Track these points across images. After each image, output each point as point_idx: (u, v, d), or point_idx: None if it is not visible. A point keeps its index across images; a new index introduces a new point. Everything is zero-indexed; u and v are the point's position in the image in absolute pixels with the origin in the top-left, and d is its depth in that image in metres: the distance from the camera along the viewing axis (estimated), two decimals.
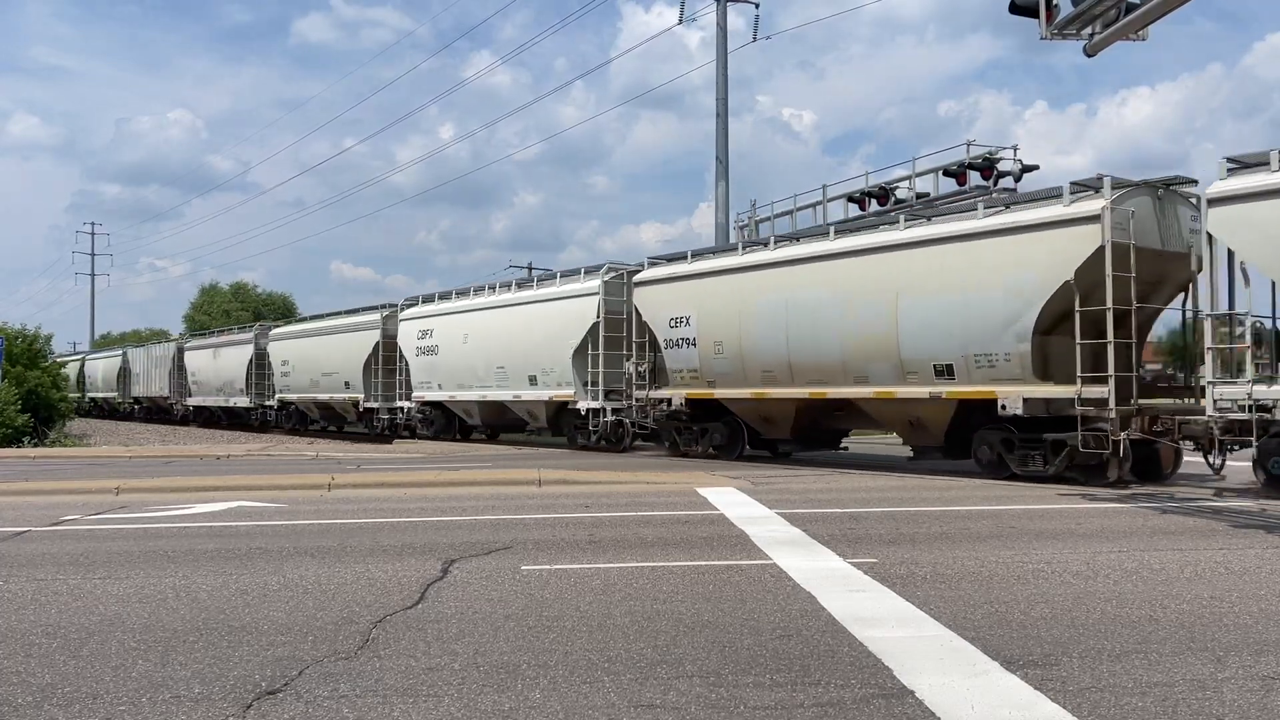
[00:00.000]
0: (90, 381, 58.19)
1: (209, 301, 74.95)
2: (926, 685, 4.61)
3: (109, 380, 55.18)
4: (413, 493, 13.51)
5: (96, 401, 58.60)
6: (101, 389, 56.26)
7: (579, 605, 6.35)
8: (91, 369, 58.67)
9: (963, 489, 13.65)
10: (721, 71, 27.83)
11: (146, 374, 49.55)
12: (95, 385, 57.16)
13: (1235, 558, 8.00)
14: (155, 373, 48.36)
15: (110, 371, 55.67)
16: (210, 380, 42.35)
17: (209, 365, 42.56)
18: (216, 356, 41.83)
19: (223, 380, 41.04)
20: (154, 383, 48.47)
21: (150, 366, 48.99)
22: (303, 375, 35.09)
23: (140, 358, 51.16)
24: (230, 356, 40.47)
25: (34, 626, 5.94)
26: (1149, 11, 9.86)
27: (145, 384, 49.71)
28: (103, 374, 56.84)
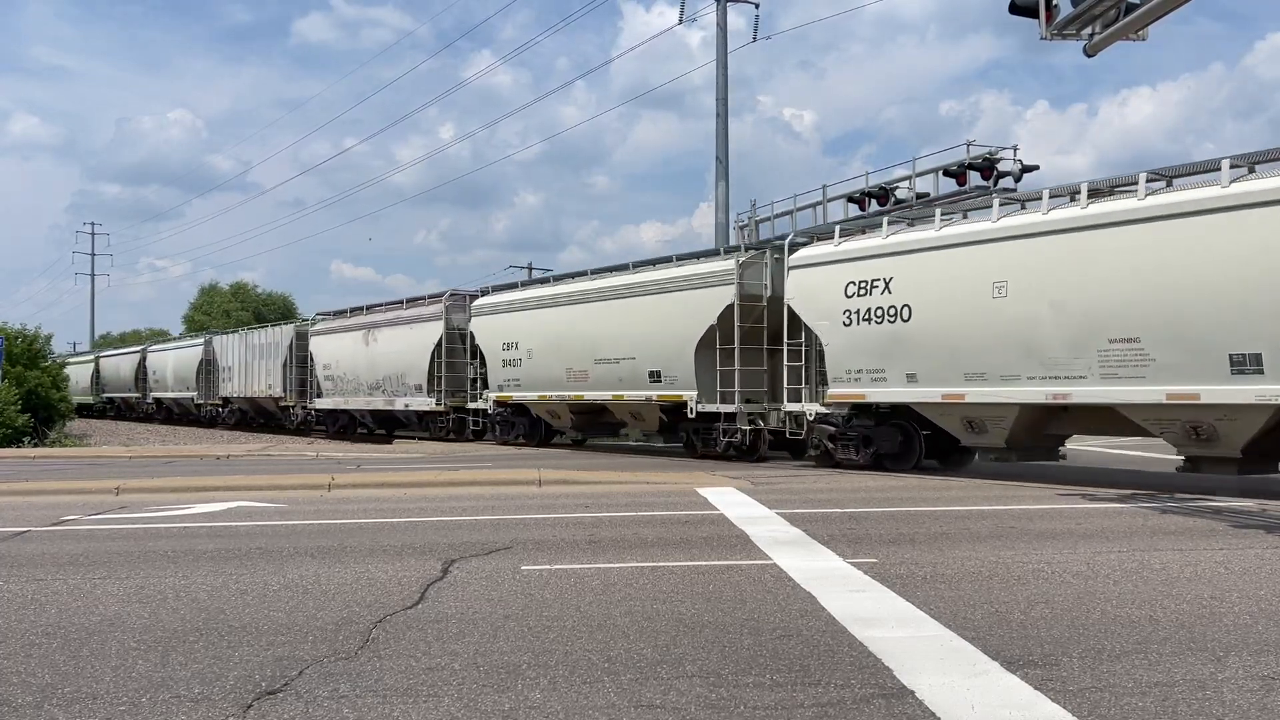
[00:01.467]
0: (156, 378, 49.88)
1: (209, 301, 74.99)
2: (926, 685, 4.61)
3: (183, 377, 46.14)
4: (413, 493, 13.51)
5: (160, 402, 50.15)
6: (172, 388, 47.79)
7: (579, 605, 6.35)
8: (156, 363, 49.21)
9: (963, 489, 13.66)
10: (721, 71, 27.84)
11: (245, 367, 38.95)
12: (163, 383, 48.91)
13: (1235, 558, 8.00)
14: (260, 366, 37.68)
15: (187, 366, 46.04)
16: (358, 374, 31.51)
17: (357, 354, 31.54)
18: (372, 340, 30.87)
19: (383, 374, 30.19)
20: (257, 379, 37.96)
21: (251, 358, 38.45)
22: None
23: (233, 346, 40.53)
24: (399, 341, 29.41)
25: (34, 626, 5.94)
26: (1149, 12, 9.86)
27: (243, 380, 38.98)
28: (175, 369, 47.74)
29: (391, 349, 29.49)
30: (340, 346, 32.70)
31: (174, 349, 49.36)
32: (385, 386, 29.94)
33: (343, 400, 32.33)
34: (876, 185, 21.23)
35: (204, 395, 43.72)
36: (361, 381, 31.30)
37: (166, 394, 48.38)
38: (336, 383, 32.77)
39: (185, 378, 45.56)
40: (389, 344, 29.77)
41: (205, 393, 43.49)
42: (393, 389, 29.48)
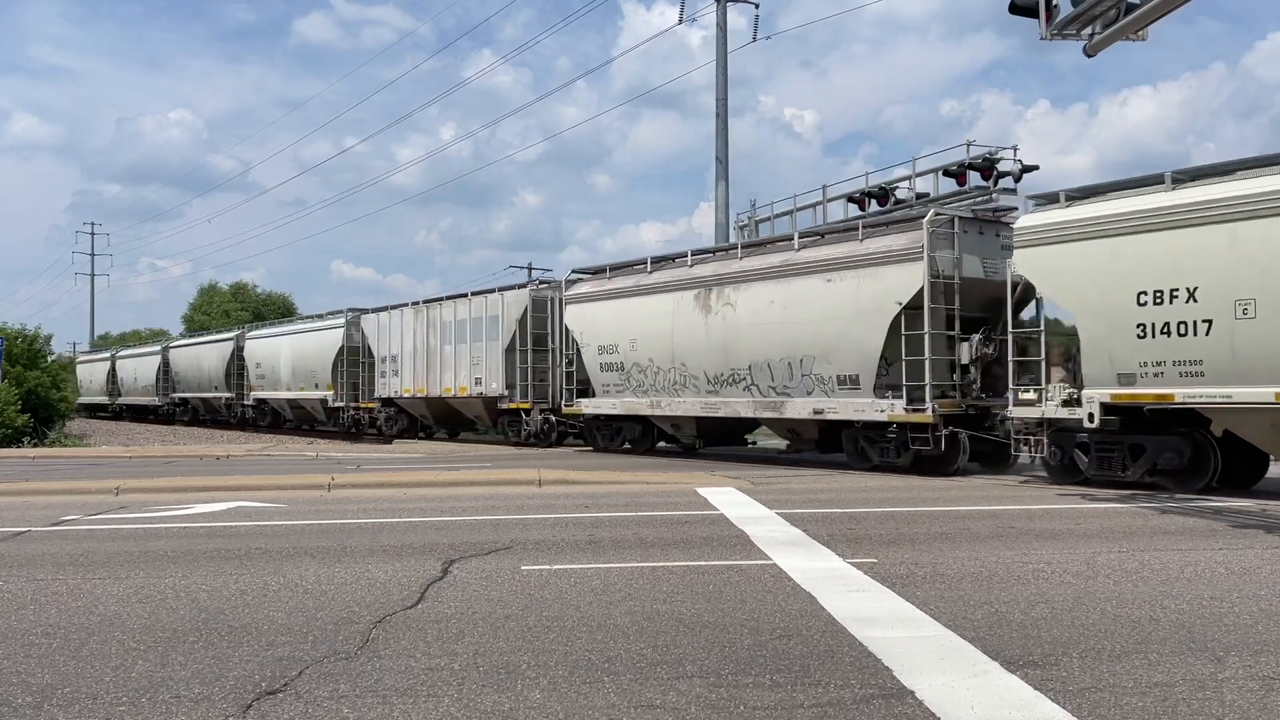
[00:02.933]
0: (178, 376, 45.26)
1: (209, 302, 74.98)
2: (926, 685, 4.61)
3: (210, 374, 40.62)
4: (413, 493, 13.51)
5: (186, 403, 45.39)
6: (199, 386, 42.75)
7: (579, 605, 6.35)
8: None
9: (963, 489, 13.66)
10: (721, 71, 27.84)
11: (429, 356, 26.98)
12: (186, 382, 44.37)
13: (1235, 558, 8.00)
14: (459, 354, 25.76)
15: (215, 361, 40.33)
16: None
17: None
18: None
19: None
20: (450, 371, 26.12)
21: (437, 341, 26.65)
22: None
23: (394, 325, 28.80)
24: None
25: (34, 626, 5.94)
26: (1148, 12, 9.85)
27: (425, 373, 27.06)
28: (205, 365, 41.66)
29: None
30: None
31: (204, 343, 43.67)
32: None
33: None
34: (876, 185, 21.21)
35: (236, 394, 39.01)
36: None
37: (191, 394, 44.33)
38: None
39: (212, 375, 41.02)
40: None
41: (238, 392, 38.80)
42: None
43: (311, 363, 33.35)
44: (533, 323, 23.95)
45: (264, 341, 37.44)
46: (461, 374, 25.70)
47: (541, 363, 24.01)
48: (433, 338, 26.86)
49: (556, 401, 23.47)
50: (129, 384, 51.79)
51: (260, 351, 37.12)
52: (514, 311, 24.16)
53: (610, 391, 21.39)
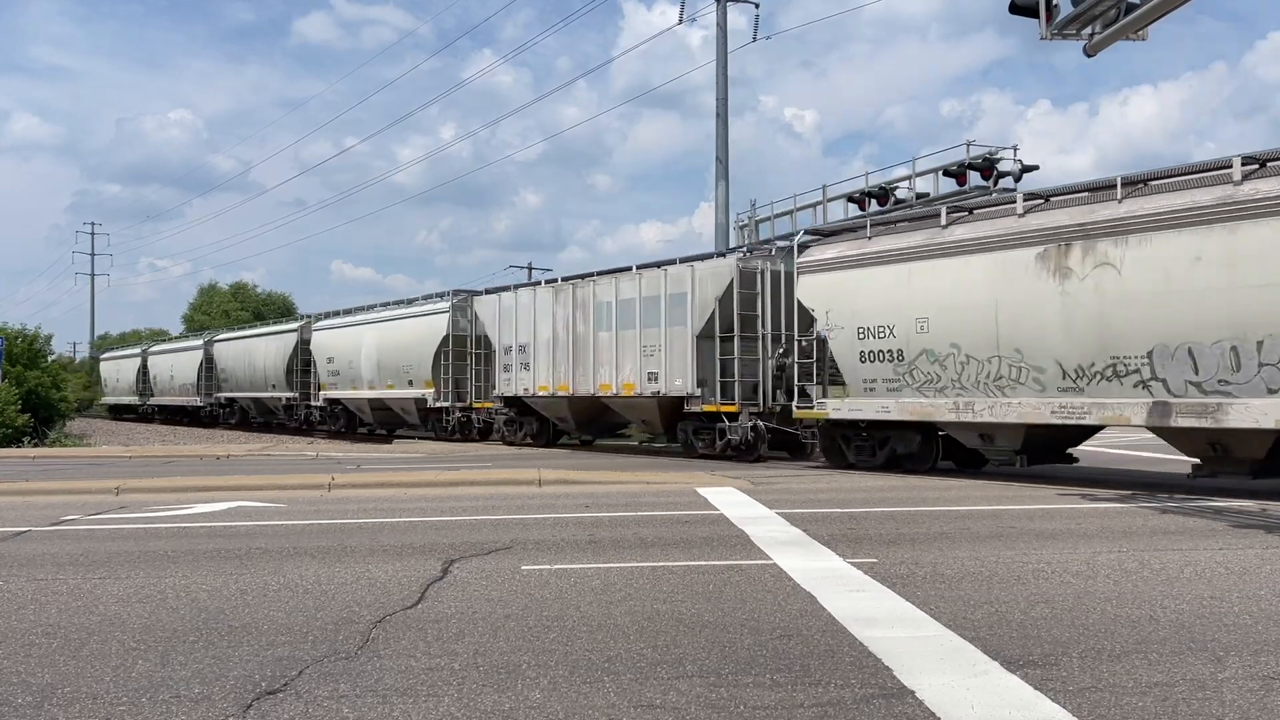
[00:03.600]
0: (225, 375, 40.29)
1: (209, 302, 74.97)
2: (927, 685, 4.61)
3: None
4: (413, 493, 13.51)
5: (234, 403, 40.62)
6: (254, 385, 37.72)
7: (579, 605, 6.35)
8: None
9: (963, 489, 13.65)
10: (721, 71, 27.83)
11: (595, 346, 21.80)
12: (235, 381, 39.37)
13: (1235, 558, 8.00)
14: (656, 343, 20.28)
15: (275, 357, 35.71)
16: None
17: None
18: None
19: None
20: (600, 365, 21.50)
21: (599, 320, 21.72)
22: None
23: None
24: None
25: (34, 626, 5.94)
26: (1148, 12, 9.86)
27: (564, 365, 22.45)
28: (265, 362, 36.77)
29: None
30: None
31: (258, 336, 38.73)
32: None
33: None
34: (876, 185, 21.23)
35: (300, 393, 34.65)
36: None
37: (240, 393, 39.57)
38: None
39: (268, 371, 36.61)
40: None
41: (302, 390, 34.58)
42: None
43: (405, 356, 27.96)
44: (740, 301, 18.56)
45: (339, 333, 31.76)
46: (626, 368, 20.58)
47: (750, 353, 18.73)
48: (581, 322, 21.84)
49: (768, 403, 18.68)
50: (163, 383, 46.91)
51: (333, 343, 31.84)
52: (712, 287, 18.96)
53: (876, 389, 16.08)
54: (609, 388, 21.24)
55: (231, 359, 39.87)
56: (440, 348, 26.64)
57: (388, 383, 29.10)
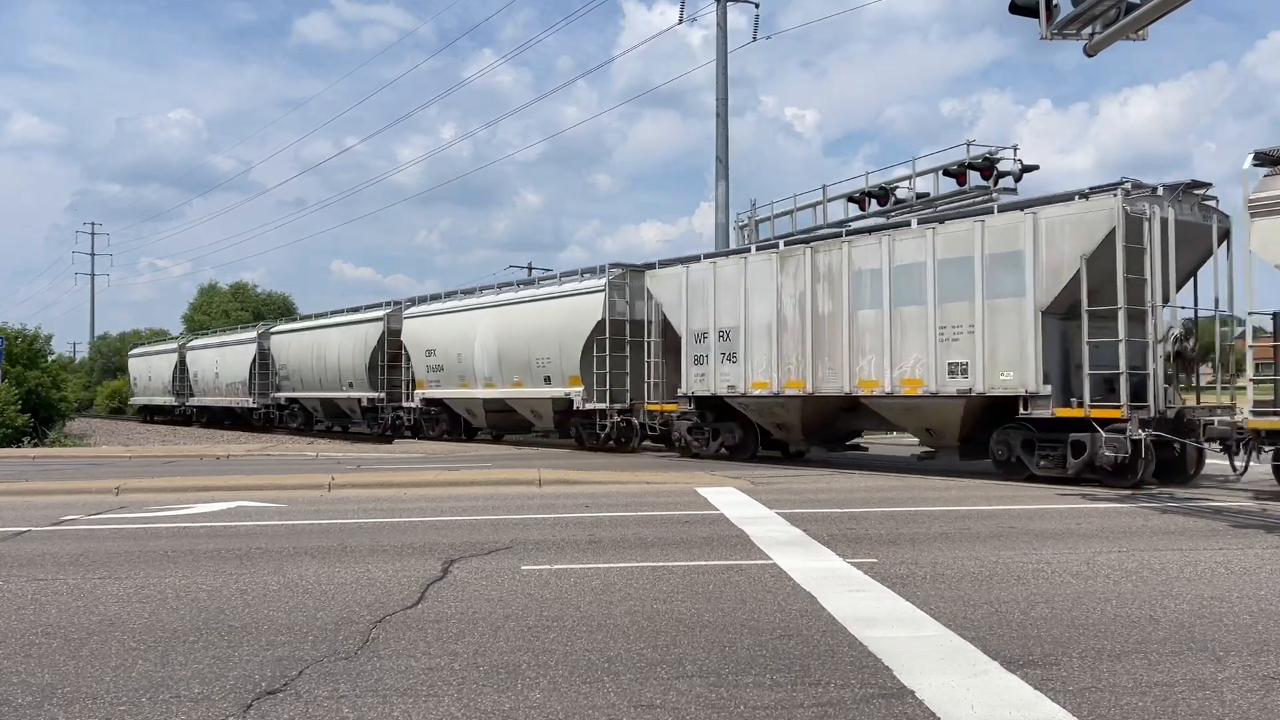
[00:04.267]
0: (284, 373, 35.09)
1: (209, 302, 74.93)
2: (927, 685, 4.61)
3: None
4: (413, 493, 13.51)
5: (297, 405, 35.13)
6: (330, 384, 31.92)
7: (579, 605, 6.35)
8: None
9: (963, 489, 13.65)
10: (721, 71, 27.82)
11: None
12: (300, 379, 34.01)
13: (1235, 558, 8.00)
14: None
15: (351, 351, 30.58)
16: None
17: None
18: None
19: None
20: (855, 354, 16.57)
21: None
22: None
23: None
24: None
25: (34, 626, 5.94)
26: (1148, 12, 9.86)
27: (793, 355, 17.63)
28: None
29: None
30: None
31: (329, 327, 32.85)
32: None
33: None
34: (876, 185, 21.18)
35: (387, 392, 29.41)
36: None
37: (307, 393, 34.00)
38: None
39: (344, 368, 31.23)
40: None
41: (389, 390, 29.35)
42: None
43: (540, 346, 23.10)
44: (1126, 260, 13.33)
45: (442, 320, 26.76)
46: (909, 357, 15.61)
47: (1105, 333, 13.62)
48: (825, 298, 16.99)
49: (1159, 405, 13.63)
50: (206, 381, 41.87)
51: (434, 333, 26.95)
52: (1072, 241, 13.84)
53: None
54: (875, 384, 16.08)
55: (295, 353, 34.22)
56: (593, 336, 21.50)
57: (513, 379, 23.99)
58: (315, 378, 33.05)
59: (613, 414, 21.64)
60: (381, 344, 29.20)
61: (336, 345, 31.62)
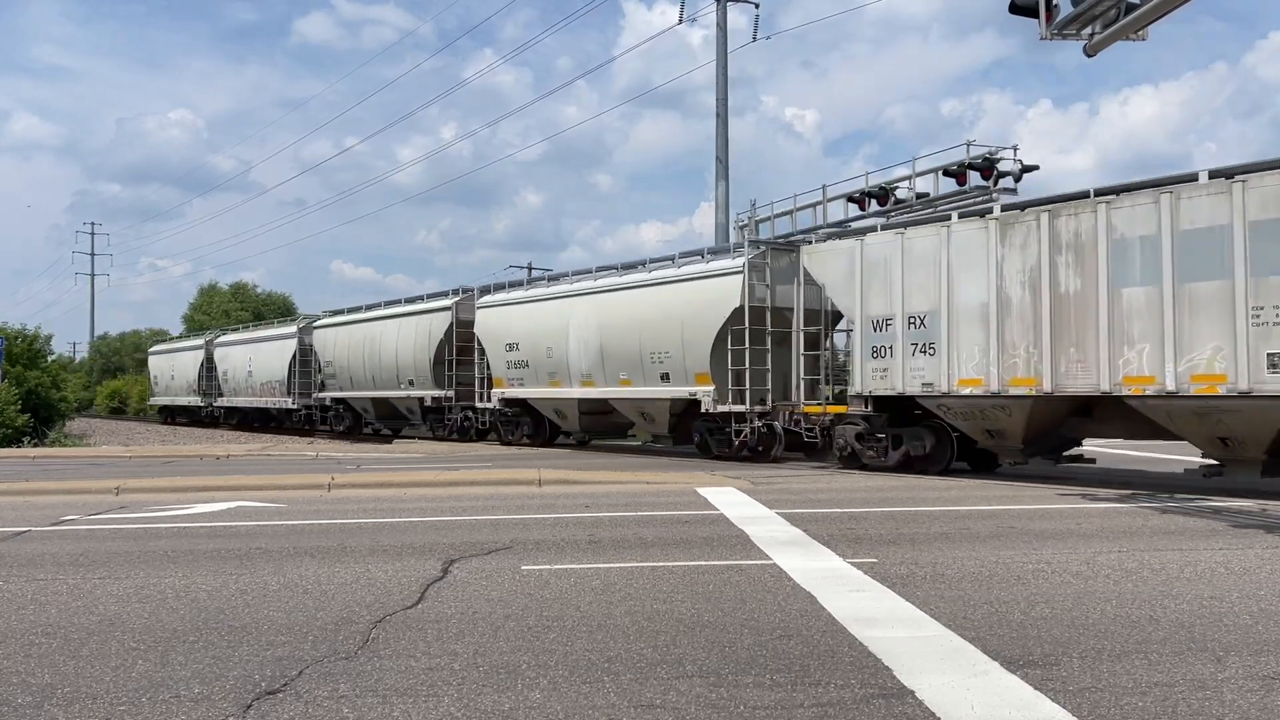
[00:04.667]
0: (331, 370, 31.88)
1: (209, 301, 74.94)
2: (927, 685, 4.61)
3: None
4: (413, 493, 13.50)
5: (346, 407, 31.75)
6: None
7: (579, 605, 6.35)
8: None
9: (963, 489, 13.65)
10: (721, 71, 27.83)
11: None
12: (347, 378, 30.88)
13: (1235, 558, 8.00)
14: None
15: (420, 343, 27.16)
16: None
17: None
18: None
19: None
20: (1117, 342, 13.14)
21: None
22: None
23: None
24: None
25: (34, 626, 5.94)
26: (1148, 12, 9.85)
27: (1021, 344, 14.24)
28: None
29: None
30: None
31: (386, 318, 29.28)
32: None
33: None
34: (876, 185, 21.19)
35: (455, 391, 26.18)
36: None
37: (358, 392, 30.60)
38: None
39: (404, 363, 27.92)
40: None
41: (457, 388, 26.14)
42: None
43: (654, 339, 19.77)
44: None
45: (525, 310, 23.54)
46: (1204, 344, 12.44)
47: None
48: (1069, 273, 13.84)
49: None
50: (237, 380, 38.74)
51: (515, 324, 23.66)
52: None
53: None
54: (1149, 380, 12.94)
55: (343, 349, 30.98)
56: (727, 326, 18.21)
57: (619, 376, 20.72)
58: (367, 375, 29.74)
59: (752, 418, 18.19)
60: (449, 336, 25.96)
61: (394, 339, 28.25)
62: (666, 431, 20.81)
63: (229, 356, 39.84)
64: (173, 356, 46.82)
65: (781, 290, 18.31)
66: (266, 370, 36.11)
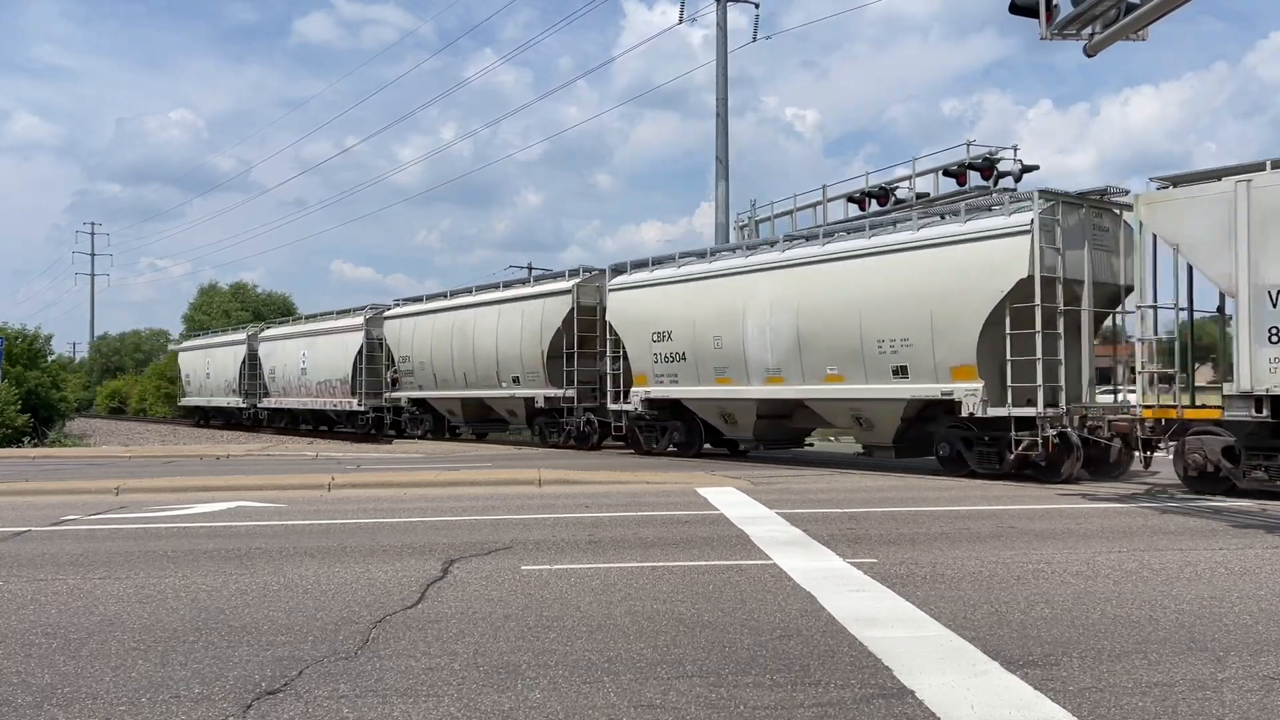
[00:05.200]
0: (408, 366, 27.71)
1: (208, 301, 74.93)
2: (927, 685, 4.61)
3: (518, 362, 23.28)
4: (413, 493, 13.50)
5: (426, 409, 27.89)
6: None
7: (579, 605, 6.35)
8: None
9: (963, 489, 13.65)
10: (721, 71, 27.82)
11: None
12: (431, 375, 26.78)
13: (1235, 558, 8.00)
14: None
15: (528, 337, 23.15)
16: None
17: None
18: None
19: None
20: None
21: None
22: None
23: None
24: None
25: (34, 626, 5.94)
26: (1148, 12, 9.85)
27: None
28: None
29: None
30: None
31: (480, 305, 25.25)
32: None
33: None
34: (876, 185, 21.19)
35: (574, 388, 22.14)
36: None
37: (443, 392, 26.67)
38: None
39: (504, 359, 23.94)
40: None
41: (580, 383, 22.20)
42: None
43: (884, 321, 15.51)
44: None
45: (679, 291, 19.39)
46: None
47: None
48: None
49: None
50: (287, 379, 34.42)
51: (666, 310, 19.60)
52: None
53: None
54: None
55: (424, 342, 26.96)
56: (1005, 303, 14.15)
57: (826, 371, 16.50)
58: (456, 373, 25.69)
59: (1044, 425, 13.93)
60: (569, 325, 22.06)
61: (492, 329, 24.33)
62: (890, 441, 16.24)
63: (277, 352, 35.17)
64: (208, 353, 41.76)
65: (1071, 257, 14.30)
66: (325, 367, 31.77)
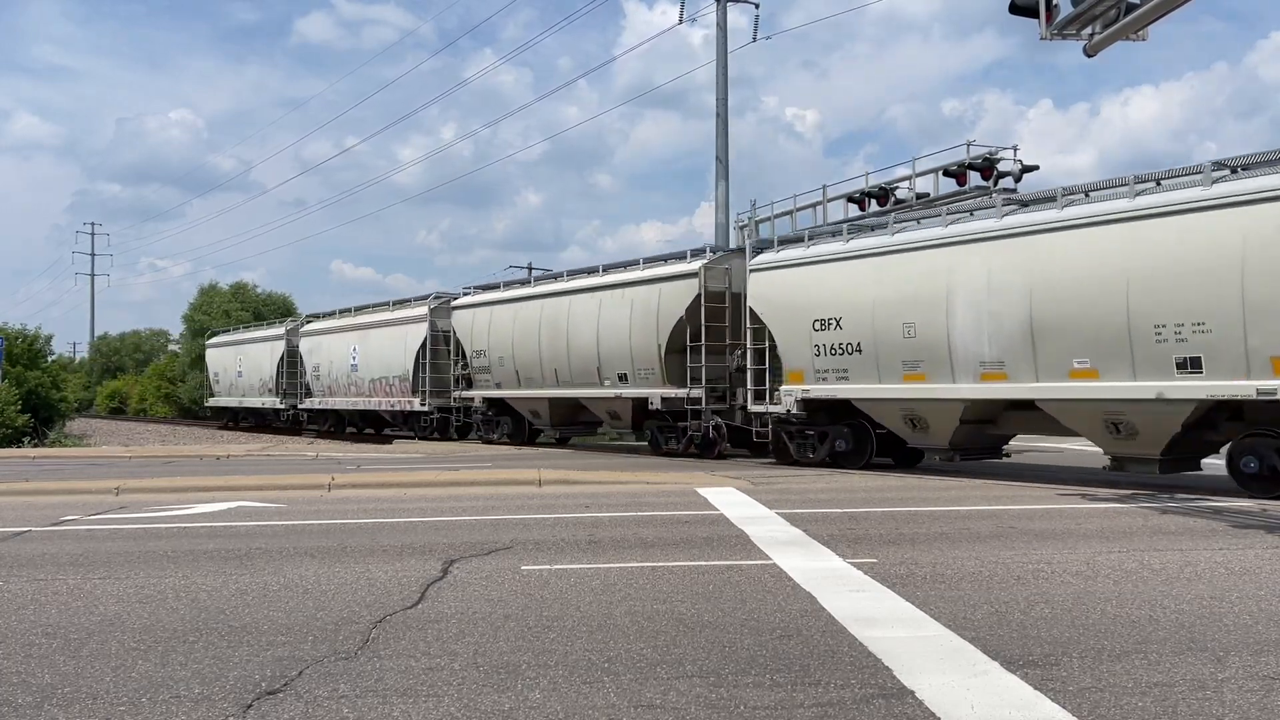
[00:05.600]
0: (483, 361, 24.71)
1: (209, 302, 74.87)
2: (926, 685, 4.61)
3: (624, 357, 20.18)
4: (413, 493, 13.50)
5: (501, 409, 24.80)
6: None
7: (579, 605, 6.35)
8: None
9: (963, 489, 13.65)
10: (721, 71, 27.82)
11: None
12: (510, 371, 23.73)
13: (1235, 558, 8.00)
14: None
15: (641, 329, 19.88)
16: None
17: None
18: None
19: None
20: None
21: None
22: None
23: None
24: None
25: (34, 626, 5.94)
26: (1148, 12, 9.85)
27: None
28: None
29: None
30: None
31: (588, 290, 21.76)
32: None
33: None
34: (876, 185, 21.15)
35: (703, 387, 18.82)
36: None
37: (530, 391, 23.44)
38: None
39: (612, 353, 20.68)
40: None
41: (709, 381, 18.87)
42: None
43: (1153, 300, 12.46)
44: None
45: (849, 268, 16.65)
46: None
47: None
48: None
49: None
50: (334, 377, 31.34)
51: (830, 290, 16.79)
52: None
53: None
54: None
55: (503, 335, 23.86)
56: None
57: (1071, 365, 13.36)
58: (544, 369, 22.55)
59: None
60: (693, 315, 18.86)
61: (592, 319, 21.15)
62: (1158, 453, 12.95)
63: (321, 348, 32.20)
64: (239, 349, 38.71)
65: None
66: (380, 363, 28.71)
